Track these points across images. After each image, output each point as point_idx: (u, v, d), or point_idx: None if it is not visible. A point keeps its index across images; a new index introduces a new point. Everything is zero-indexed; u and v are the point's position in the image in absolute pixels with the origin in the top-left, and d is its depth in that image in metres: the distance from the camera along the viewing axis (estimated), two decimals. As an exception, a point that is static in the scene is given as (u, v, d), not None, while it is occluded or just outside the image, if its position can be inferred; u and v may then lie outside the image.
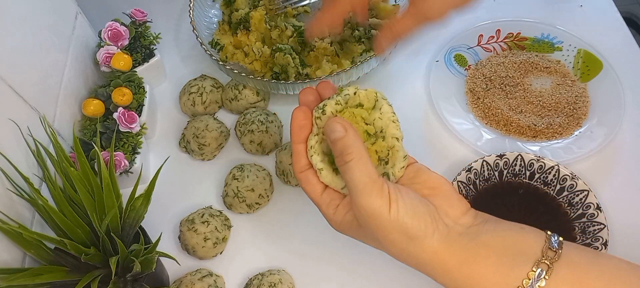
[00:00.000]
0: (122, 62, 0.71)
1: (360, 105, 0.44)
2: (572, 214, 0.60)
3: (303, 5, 0.80)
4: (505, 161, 0.63)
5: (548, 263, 0.37)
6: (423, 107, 0.73)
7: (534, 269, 0.37)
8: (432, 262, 0.40)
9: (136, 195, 0.54)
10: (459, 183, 0.61)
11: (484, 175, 0.63)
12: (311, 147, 0.44)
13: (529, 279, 0.37)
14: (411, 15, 0.49)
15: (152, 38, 0.76)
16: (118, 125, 0.66)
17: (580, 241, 0.58)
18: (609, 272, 0.38)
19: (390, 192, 0.39)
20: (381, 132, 0.44)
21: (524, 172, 0.63)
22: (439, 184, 0.43)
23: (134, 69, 0.73)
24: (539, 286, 0.37)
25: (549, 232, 0.40)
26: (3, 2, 0.55)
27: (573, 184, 0.60)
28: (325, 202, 0.44)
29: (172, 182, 0.70)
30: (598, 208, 0.58)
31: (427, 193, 0.43)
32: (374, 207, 0.39)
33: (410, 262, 0.42)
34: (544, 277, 0.37)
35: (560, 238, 0.39)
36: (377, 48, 0.53)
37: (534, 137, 0.69)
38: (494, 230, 0.41)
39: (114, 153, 0.59)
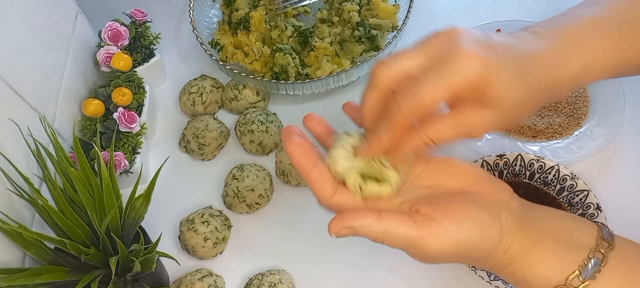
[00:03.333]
0: (122, 62, 0.71)
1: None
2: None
3: (303, 5, 0.80)
4: (505, 161, 0.63)
5: (603, 252, 0.37)
6: (423, 107, 0.73)
7: (590, 256, 0.37)
8: (503, 257, 0.39)
9: (136, 195, 0.54)
10: (459, 183, 0.61)
11: (484, 175, 0.63)
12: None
13: (586, 265, 0.37)
14: (454, 127, 0.37)
15: (152, 38, 0.76)
16: (118, 125, 0.66)
17: (580, 241, 0.58)
18: None
19: (443, 223, 0.37)
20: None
21: (524, 172, 0.63)
22: (475, 170, 0.41)
23: (134, 69, 0.73)
24: (594, 273, 0.37)
25: (601, 224, 0.40)
26: (3, 2, 0.55)
27: (573, 184, 0.60)
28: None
29: (172, 182, 0.70)
30: (598, 208, 0.58)
31: (469, 183, 0.40)
32: (437, 251, 0.37)
33: (486, 265, 0.40)
34: (599, 265, 0.37)
35: (612, 231, 0.39)
36: (397, 156, 0.39)
37: (534, 137, 0.69)
38: (547, 217, 0.40)
39: (114, 153, 0.59)
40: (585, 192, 0.59)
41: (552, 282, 0.38)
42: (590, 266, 0.37)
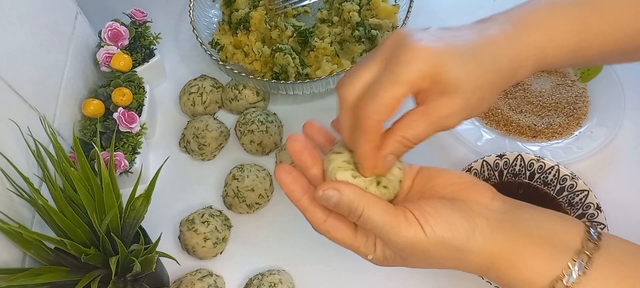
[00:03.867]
0: (122, 62, 0.71)
1: None
2: (572, 214, 0.60)
3: (303, 5, 0.80)
4: (505, 161, 0.63)
5: (588, 254, 0.37)
6: (423, 107, 0.73)
7: (575, 259, 0.37)
8: (483, 261, 0.39)
9: (136, 195, 0.54)
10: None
11: (484, 175, 0.63)
12: (336, 167, 0.40)
13: (570, 269, 0.37)
14: (424, 121, 0.39)
15: (152, 38, 0.76)
16: (118, 125, 0.66)
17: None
18: None
19: (417, 215, 0.38)
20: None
21: (524, 172, 0.63)
22: (458, 178, 0.42)
23: (134, 69, 0.73)
24: (579, 276, 0.37)
25: (587, 223, 0.40)
26: (3, 2, 0.55)
27: (573, 184, 0.60)
28: (362, 243, 0.42)
29: (172, 182, 0.70)
30: (598, 208, 0.58)
31: (450, 190, 0.41)
32: (408, 238, 0.38)
33: (465, 269, 0.41)
34: (584, 267, 0.37)
35: (600, 229, 0.39)
36: (383, 166, 0.40)
37: (534, 137, 0.69)
38: (532, 218, 0.40)
39: (114, 153, 0.59)
40: (585, 192, 0.59)
41: (537, 287, 0.38)
42: (574, 269, 0.37)
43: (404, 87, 0.37)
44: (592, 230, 0.39)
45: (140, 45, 0.75)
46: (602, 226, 0.57)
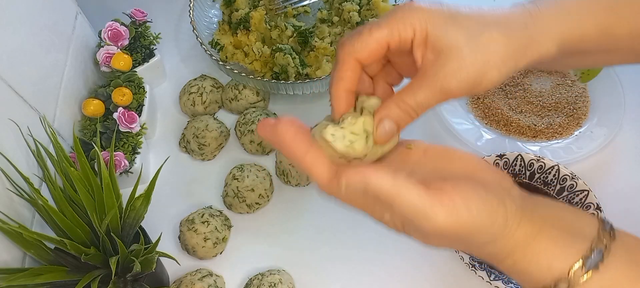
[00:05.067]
0: (122, 62, 0.71)
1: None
2: (572, 214, 0.60)
3: (303, 5, 0.80)
4: (505, 161, 0.63)
5: (605, 242, 0.37)
6: (423, 107, 0.73)
7: (593, 247, 0.36)
8: (506, 246, 0.37)
9: (136, 195, 0.54)
10: (459, 183, 0.61)
11: (484, 175, 0.63)
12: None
13: (589, 255, 0.36)
14: (423, 84, 0.37)
15: (152, 38, 0.76)
16: (118, 125, 0.66)
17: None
18: None
19: (454, 198, 0.34)
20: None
21: (524, 172, 0.63)
22: (475, 160, 0.39)
23: (134, 69, 0.73)
24: (597, 264, 0.36)
25: (601, 214, 0.40)
26: (3, 2, 0.55)
27: (573, 184, 0.60)
28: (377, 209, 0.38)
29: (172, 182, 0.70)
30: (598, 208, 0.58)
31: (471, 169, 0.38)
32: (445, 225, 0.34)
33: (482, 255, 0.38)
34: (603, 255, 0.36)
35: (612, 223, 0.39)
36: (380, 133, 0.37)
37: (534, 137, 0.69)
38: (549, 206, 0.39)
39: (114, 153, 0.59)
40: (585, 192, 0.59)
41: (555, 273, 0.36)
42: (593, 256, 0.36)
43: (387, 30, 0.37)
44: (606, 222, 0.38)
45: (140, 45, 0.74)
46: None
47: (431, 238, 0.37)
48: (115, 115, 0.66)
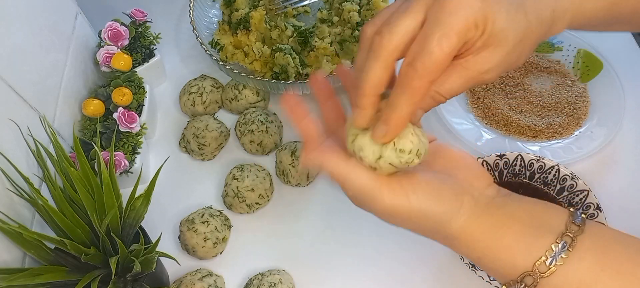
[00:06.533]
0: (122, 62, 0.71)
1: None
2: (572, 214, 0.60)
3: (303, 5, 0.80)
4: (505, 161, 0.63)
5: (571, 236, 0.37)
6: (423, 107, 0.73)
7: (558, 241, 0.37)
8: (459, 237, 0.40)
9: (136, 195, 0.54)
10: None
11: (484, 175, 0.63)
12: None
13: (553, 250, 0.37)
14: (461, 75, 0.36)
15: (152, 38, 0.76)
16: (118, 125, 0.66)
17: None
18: (635, 245, 0.38)
19: (404, 185, 0.38)
20: None
21: (524, 172, 0.63)
22: (460, 157, 0.42)
23: (134, 69, 0.73)
24: (561, 257, 0.37)
25: (572, 209, 0.40)
26: (3, 2, 0.55)
27: (573, 184, 0.60)
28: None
29: (172, 182, 0.70)
30: (598, 208, 0.58)
31: (449, 166, 0.41)
32: (391, 206, 0.38)
33: (442, 242, 0.41)
34: (567, 249, 0.37)
35: (584, 215, 0.39)
36: (393, 115, 0.37)
37: (534, 137, 0.69)
38: (518, 203, 0.40)
39: (114, 153, 0.59)
40: (585, 192, 0.59)
41: (519, 268, 0.38)
42: (557, 250, 0.37)
43: (456, 39, 0.34)
44: (576, 215, 0.39)
45: (140, 45, 0.74)
46: (592, 215, 0.57)
47: (384, 216, 0.40)
48: (115, 115, 0.66)
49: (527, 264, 0.37)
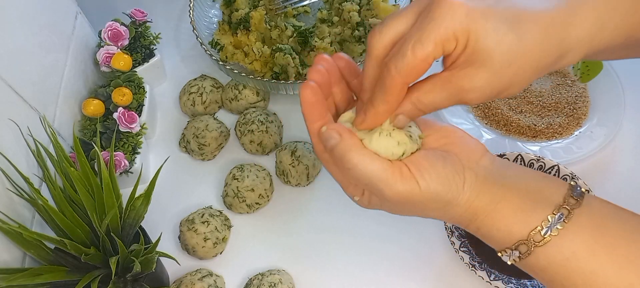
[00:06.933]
0: (122, 62, 0.71)
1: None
2: (572, 214, 0.60)
3: (303, 5, 0.80)
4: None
5: (569, 208, 0.38)
6: (423, 107, 0.73)
7: (555, 212, 0.37)
8: (463, 214, 0.40)
9: (136, 195, 0.54)
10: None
11: (484, 175, 0.63)
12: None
13: (549, 221, 0.37)
14: (443, 89, 0.37)
15: (152, 38, 0.76)
16: (118, 125, 0.66)
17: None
18: (632, 221, 0.38)
19: (412, 170, 0.39)
20: None
21: (524, 172, 0.63)
22: (451, 131, 0.42)
23: (134, 69, 0.73)
24: (557, 228, 0.37)
25: (572, 182, 0.40)
26: (3, 2, 0.55)
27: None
28: (352, 184, 0.43)
29: (172, 182, 0.70)
30: (598, 208, 0.58)
31: (443, 142, 0.41)
32: (403, 192, 0.38)
33: (449, 220, 0.42)
34: (563, 221, 0.37)
35: (584, 189, 0.40)
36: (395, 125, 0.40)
37: (534, 137, 0.69)
38: (517, 175, 0.41)
39: (114, 153, 0.59)
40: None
41: (515, 236, 0.38)
42: (553, 221, 0.37)
43: (431, 46, 0.34)
44: (575, 189, 0.39)
45: (140, 45, 0.75)
46: (588, 190, 0.57)
47: (392, 204, 0.40)
48: (115, 115, 0.66)
49: (523, 233, 0.38)
